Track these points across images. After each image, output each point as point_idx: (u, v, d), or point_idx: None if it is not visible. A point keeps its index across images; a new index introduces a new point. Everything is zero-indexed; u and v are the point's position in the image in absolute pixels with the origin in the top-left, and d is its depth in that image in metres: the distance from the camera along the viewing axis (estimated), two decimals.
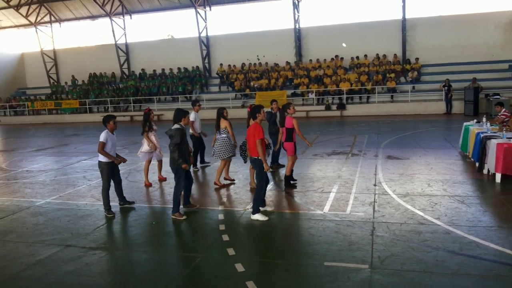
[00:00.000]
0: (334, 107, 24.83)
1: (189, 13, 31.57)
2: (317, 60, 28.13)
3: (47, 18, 34.45)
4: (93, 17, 34.36)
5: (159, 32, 50.69)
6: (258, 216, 7.00)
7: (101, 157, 7.61)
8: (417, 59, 25.81)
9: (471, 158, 10.29)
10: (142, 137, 9.77)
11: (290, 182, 8.99)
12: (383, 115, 23.11)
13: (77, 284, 5.05)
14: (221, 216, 7.26)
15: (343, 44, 27.44)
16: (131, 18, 33.59)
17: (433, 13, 27.67)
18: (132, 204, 8.15)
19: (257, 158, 7.02)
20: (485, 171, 9.19)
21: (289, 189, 8.77)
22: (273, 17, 40.34)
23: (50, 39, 35.38)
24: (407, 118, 21.05)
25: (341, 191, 8.41)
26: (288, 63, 28.65)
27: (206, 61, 31.46)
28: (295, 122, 8.69)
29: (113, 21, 32.73)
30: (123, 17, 33.04)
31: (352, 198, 7.89)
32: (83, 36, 38.84)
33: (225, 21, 40.57)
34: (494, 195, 7.92)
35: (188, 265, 5.51)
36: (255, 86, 27.27)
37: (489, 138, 9.09)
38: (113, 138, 7.74)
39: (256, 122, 7.17)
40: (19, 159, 14.56)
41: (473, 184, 8.59)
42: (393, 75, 25.11)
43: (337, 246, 5.72)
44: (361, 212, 7.06)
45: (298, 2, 28.75)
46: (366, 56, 27.06)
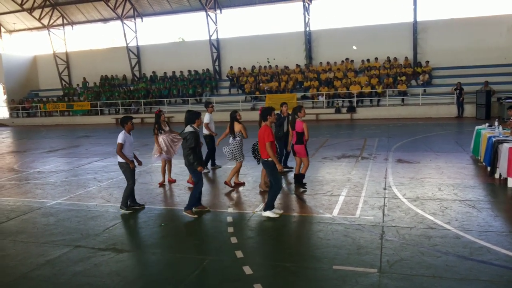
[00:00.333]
0: (344, 110, 24.74)
1: (199, 16, 31.75)
2: (327, 63, 28.07)
3: (59, 21, 34.87)
4: (105, 20, 34.70)
5: (170, 35, 51.12)
6: (269, 213, 7.10)
7: (119, 157, 7.71)
8: (427, 62, 25.62)
9: (483, 162, 10.18)
10: (152, 139, 9.86)
11: (302, 181, 9.05)
12: (393, 118, 22.97)
13: (86, 285, 5.08)
14: (229, 219, 7.26)
15: (354, 47, 27.34)
16: (142, 21, 33.87)
17: (445, 16, 27.54)
18: (143, 207, 8.17)
19: (267, 159, 7.08)
20: (496, 176, 9.08)
21: (299, 191, 8.79)
22: (283, 20, 40.39)
23: (62, 42, 35.81)
24: (418, 122, 20.89)
25: (351, 194, 8.37)
26: (298, 65, 28.63)
27: (217, 63, 31.56)
28: (305, 126, 8.73)
29: (124, 24, 33.02)
30: (135, 20, 33.31)
31: (362, 201, 7.84)
32: (95, 38, 39.36)
33: (235, 24, 40.77)
34: (506, 200, 7.82)
35: (196, 267, 5.51)
36: (265, 89, 27.28)
37: (501, 142, 8.98)
38: (130, 138, 7.89)
39: (266, 125, 7.19)
40: (30, 160, 14.73)
41: (485, 189, 8.49)
42: (404, 78, 24.94)
43: (346, 250, 5.69)
44: (370, 216, 7.02)
45: (308, 5, 28.72)
46: (376, 59, 26.94)
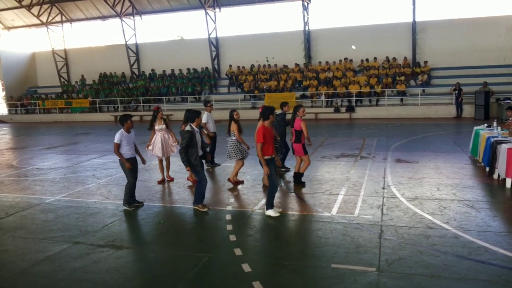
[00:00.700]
0: (343, 109, 24.76)
1: (198, 14, 31.70)
2: (326, 62, 28.07)
3: (58, 18, 34.75)
4: (104, 17, 34.61)
5: (169, 33, 51.05)
6: (270, 212, 7.12)
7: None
8: (426, 62, 25.64)
9: (481, 162, 10.20)
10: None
11: (301, 179, 9.10)
12: (392, 118, 22.99)
13: (85, 281, 5.09)
14: (229, 216, 7.27)
15: (353, 47, 27.35)
16: (141, 18, 33.80)
17: (444, 16, 27.53)
18: (141, 204, 8.16)
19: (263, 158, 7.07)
20: (495, 176, 9.11)
21: (298, 189, 8.82)
22: (282, 19, 40.36)
23: (61, 39, 35.70)
24: (416, 122, 20.93)
25: (349, 193, 8.38)
26: (297, 65, 28.62)
27: (215, 62, 31.54)
28: (303, 125, 8.76)
29: (123, 22, 32.96)
30: (133, 17, 33.24)
31: (360, 200, 7.86)
32: (93, 36, 39.18)
33: (234, 22, 40.71)
34: (504, 200, 7.85)
35: (195, 264, 5.52)
36: (264, 87, 27.28)
37: (500, 142, 9.00)
38: (130, 137, 7.86)
39: (264, 125, 7.15)
40: (29, 157, 14.70)
41: (483, 189, 8.51)
42: (403, 78, 24.98)
43: (344, 249, 5.70)
44: (369, 215, 7.03)
45: (307, 4, 28.71)
46: (375, 58, 26.96)
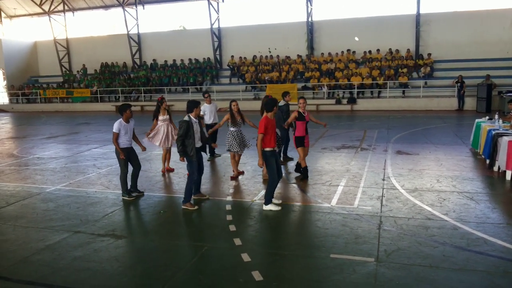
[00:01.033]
0: (345, 101, 24.69)
1: (201, 4, 31.54)
2: (329, 54, 27.97)
3: (60, 7, 34.65)
4: (106, 6, 34.51)
5: (171, 23, 50.66)
6: (270, 207, 7.03)
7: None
8: (430, 54, 25.53)
9: (482, 155, 10.20)
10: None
11: (301, 170, 9.02)
12: (394, 110, 22.94)
13: (85, 270, 5.12)
14: (228, 207, 7.30)
15: (356, 38, 27.20)
16: (143, 8, 33.66)
17: (448, 9, 27.25)
18: (142, 194, 8.19)
19: (264, 149, 6.92)
20: (495, 168, 9.11)
21: (299, 180, 8.80)
22: (285, 9, 39.98)
23: (63, 28, 35.59)
24: (418, 114, 20.88)
25: (349, 184, 8.39)
26: (299, 56, 28.52)
27: (218, 52, 31.43)
28: (293, 114, 8.89)
29: (125, 11, 32.82)
30: (136, 7, 33.10)
31: (360, 192, 7.87)
32: (95, 25, 38.97)
33: (237, 13, 40.35)
34: (504, 193, 7.85)
35: (195, 254, 5.55)
36: (266, 78, 27.21)
37: (501, 135, 8.99)
38: (129, 126, 7.89)
39: (267, 116, 7.07)
40: (30, 146, 14.74)
41: (483, 181, 8.52)
42: (405, 70, 24.88)
43: (343, 239, 5.72)
44: (368, 206, 7.05)
45: None
46: (378, 50, 26.83)
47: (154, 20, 42.85)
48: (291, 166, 10.01)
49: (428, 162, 10.22)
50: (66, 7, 34.77)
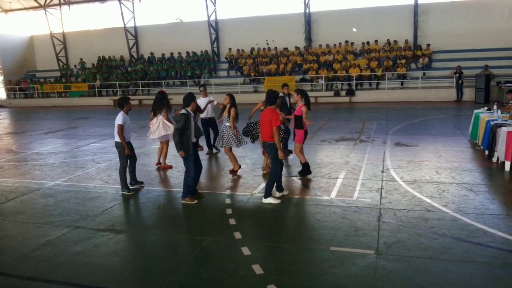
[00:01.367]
0: (343, 93, 24.64)
1: None
2: (327, 45, 27.87)
3: (56, 1, 34.33)
4: (102, 0, 34.23)
5: (168, 16, 50.53)
6: (270, 200, 7.03)
7: (117, 137, 7.71)
8: (429, 45, 25.46)
9: (481, 146, 10.21)
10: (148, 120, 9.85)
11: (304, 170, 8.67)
12: (392, 101, 22.91)
13: (86, 265, 5.13)
14: (228, 201, 7.30)
15: (354, 29, 27.07)
16: (140, 1, 33.43)
17: None
18: (142, 184, 8.24)
19: (272, 143, 6.94)
20: (494, 159, 9.12)
21: (303, 176, 8.56)
22: (283, 1, 39.78)
23: (59, 22, 35.32)
24: (417, 105, 20.85)
25: (349, 177, 8.40)
26: (297, 48, 28.40)
27: (215, 45, 31.29)
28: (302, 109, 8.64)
29: (122, 4, 32.56)
30: (132, 0, 32.86)
31: (359, 184, 7.88)
32: (92, 19, 38.80)
33: (234, 4, 40.19)
34: (503, 183, 7.87)
35: (195, 248, 5.56)
36: (264, 71, 27.13)
37: (500, 126, 8.99)
38: (128, 119, 7.91)
39: (272, 108, 7.06)
40: (28, 142, 14.70)
41: (482, 172, 8.53)
42: (403, 61, 24.80)
43: (343, 232, 5.74)
44: (368, 198, 7.06)
45: None
46: (376, 41, 26.73)
47: (151, 12, 42.75)
48: (290, 159, 10.00)
49: (427, 153, 10.23)
50: (62, 1, 34.46)
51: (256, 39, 29.20)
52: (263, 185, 8.00)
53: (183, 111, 7.15)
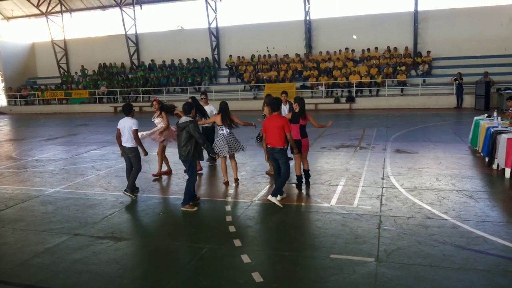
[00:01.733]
0: (343, 100, 24.68)
1: (199, 4, 31.49)
2: (327, 52, 27.97)
3: (58, 8, 34.53)
4: (104, 7, 34.43)
5: (169, 23, 50.73)
6: (275, 200, 7.18)
7: (131, 142, 7.69)
8: (429, 52, 25.54)
9: (481, 152, 10.20)
10: (150, 126, 9.81)
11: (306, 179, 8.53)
12: (392, 108, 22.94)
13: (85, 272, 5.11)
14: (228, 208, 7.28)
15: (354, 36, 27.19)
16: (141, 8, 33.63)
17: (446, 6, 27.34)
18: (134, 196, 8.02)
19: (282, 148, 7.18)
20: (494, 166, 9.10)
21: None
22: (283, 8, 39.99)
23: (60, 29, 35.47)
24: (417, 112, 20.88)
25: (349, 184, 8.39)
26: (297, 55, 28.49)
27: (216, 52, 31.40)
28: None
29: (123, 12, 32.76)
30: (134, 7, 33.05)
31: (360, 191, 7.86)
32: (93, 26, 38.94)
33: (235, 12, 40.38)
34: (503, 190, 7.85)
35: (194, 255, 5.54)
36: (264, 78, 27.19)
37: (500, 132, 8.99)
38: None
39: (278, 114, 7.26)
40: (29, 148, 14.71)
41: (482, 179, 8.51)
42: (403, 68, 24.87)
43: (343, 239, 5.72)
44: (368, 205, 7.04)
45: None
46: (376, 48, 26.83)
47: (152, 20, 42.95)
48: (291, 165, 9.98)
49: (427, 160, 10.22)
50: (63, 8, 34.67)
51: (256, 46, 29.32)
52: (263, 192, 8.00)
53: (189, 118, 7.12)
